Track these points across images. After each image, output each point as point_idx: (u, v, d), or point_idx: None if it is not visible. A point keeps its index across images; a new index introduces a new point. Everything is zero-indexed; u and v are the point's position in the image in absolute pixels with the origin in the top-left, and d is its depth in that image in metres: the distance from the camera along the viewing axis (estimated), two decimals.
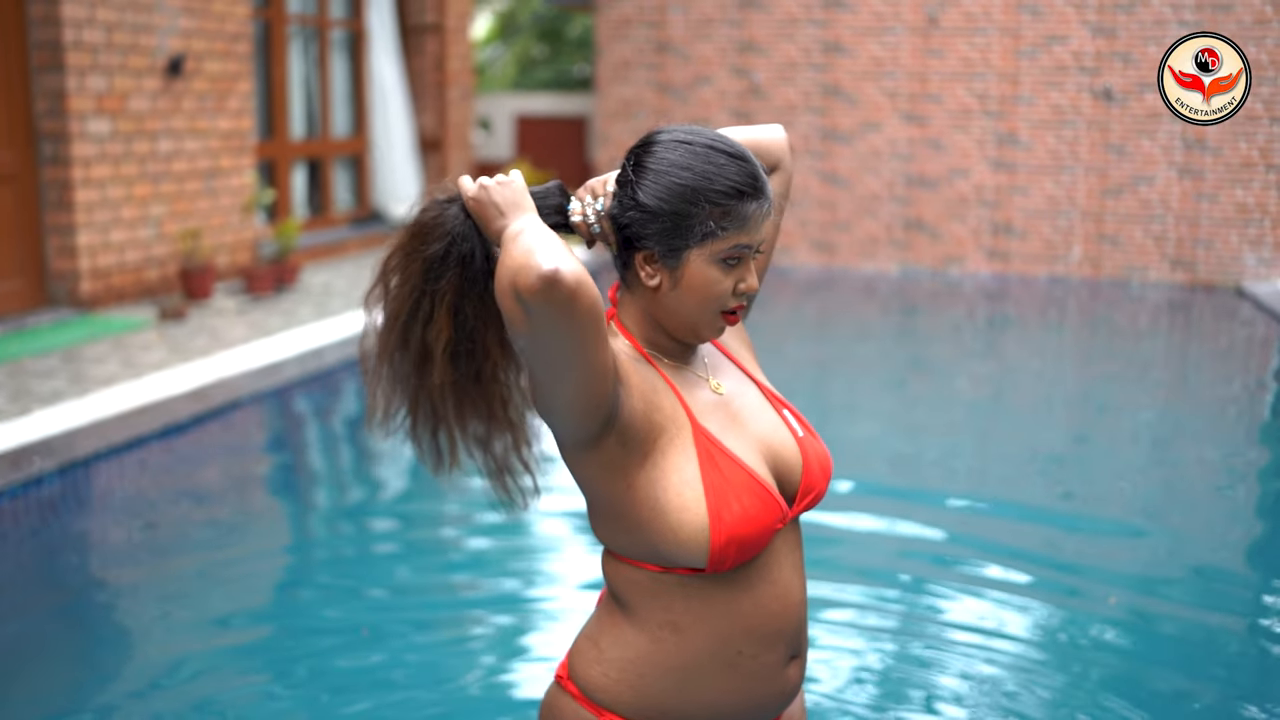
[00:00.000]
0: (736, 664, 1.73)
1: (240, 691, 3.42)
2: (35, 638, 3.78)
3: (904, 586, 4.22)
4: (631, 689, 1.75)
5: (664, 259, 1.72)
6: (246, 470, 5.66)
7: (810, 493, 1.79)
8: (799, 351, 8.64)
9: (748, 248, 1.72)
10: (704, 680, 1.73)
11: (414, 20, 12.85)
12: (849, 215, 11.89)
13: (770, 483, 1.73)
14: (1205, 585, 4.31)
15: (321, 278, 9.99)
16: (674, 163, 1.72)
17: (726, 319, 1.75)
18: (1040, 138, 11.34)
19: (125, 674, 3.59)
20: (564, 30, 23.56)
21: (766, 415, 1.83)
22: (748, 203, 1.70)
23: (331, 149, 11.76)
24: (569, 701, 1.81)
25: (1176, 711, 3.32)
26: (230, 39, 9.32)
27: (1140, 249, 11.18)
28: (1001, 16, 11.29)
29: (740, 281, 1.73)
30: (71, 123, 7.75)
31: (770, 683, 1.77)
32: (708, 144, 1.73)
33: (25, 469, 4.79)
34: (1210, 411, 6.98)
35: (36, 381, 6.22)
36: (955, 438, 6.36)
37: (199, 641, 3.74)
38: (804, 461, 1.79)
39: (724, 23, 12.01)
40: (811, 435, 1.84)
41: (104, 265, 8.11)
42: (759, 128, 1.99)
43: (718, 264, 1.71)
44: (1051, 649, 3.71)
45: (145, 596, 4.13)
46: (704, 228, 1.69)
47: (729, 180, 1.70)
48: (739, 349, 1.93)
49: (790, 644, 1.78)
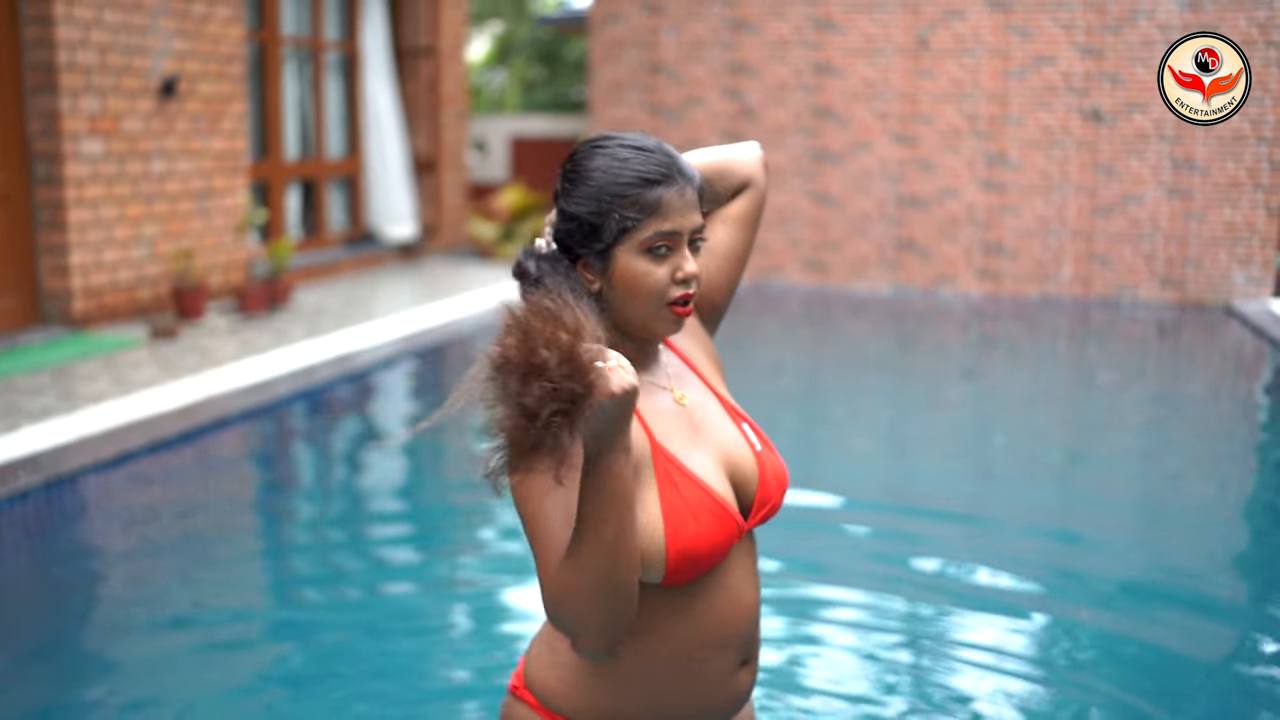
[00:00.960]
0: (690, 669, 1.75)
1: (221, 698, 3.45)
2: (11, 645, 3.81)
3: (896, 601, 4.24)
4: (588, 693, 1.77)
5: (596, 262, 1.75)
6: (232, 485, 5.69)
7: (765, 505, 1.81)
8: (792, 369, 8.67)
9: (672, 234, 1.72)
10: (659, 684, 1.75)
11: (408, 43, 12.94)
12: (840, 235, 11.95)
13: (728, 498, 1.76)
14: (1196, 603, 4.32)
15: (314, 298, 10.04)
16: (587, 167, 1.75)
17: (675, 311, 1.75)
18: (1030, 158, 11.41)
19: (103, 681, 3.62)
20: (562, 53, 23.70)
21: (727, 428, 1.84)
22: (656, 189, 1.71)
23: (325, 170, 11.83)
24: (526, 711, 1.83)
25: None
26: (224, 61, 9.40)
27: (1130, 268, 11.24)
28: (991, 38, 11.38)
29: (677, 270, 1.73)
30: (65, 143, 7.81)
31: (723, 687, 1.79)
32: (620, 143, 1.76)
33: (10, 483, 4.82)
34: (1200, 428, 7.01)
35: (26, 398, 6.26)
36: (947, 456, 6.39)
37: (178, 650, 3.76)
38: (760, 475, 1.81)
39: (716, 45, 12.10)
40: (769, 449, 1.86)
41: (97, 284, 8.16)
42: (733, 146, 2.02)
43: (645, 255, 1.72)
44: (1042, 664, 3.73)
45: (124, 605, 4.15)
46: (620, 222, 1.71)
47: (634, 171, 1.72)
48: (704, 362, 1.94)
49: (742, 649, 1.81)
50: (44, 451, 5.29)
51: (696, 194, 1.76)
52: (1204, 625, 4.09)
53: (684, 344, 1.92)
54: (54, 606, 4.21)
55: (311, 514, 5.41)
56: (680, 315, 1.75)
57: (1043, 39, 11.25)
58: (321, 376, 7.15)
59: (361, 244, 12.28)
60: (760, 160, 2.02)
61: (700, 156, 1.97)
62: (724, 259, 1.97)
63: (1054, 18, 11.19)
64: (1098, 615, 4.11)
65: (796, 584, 4.35)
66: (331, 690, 3.53)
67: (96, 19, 8.01)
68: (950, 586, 4.38)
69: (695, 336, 1.96)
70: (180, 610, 4.13)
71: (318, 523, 5.26)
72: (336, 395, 7.14)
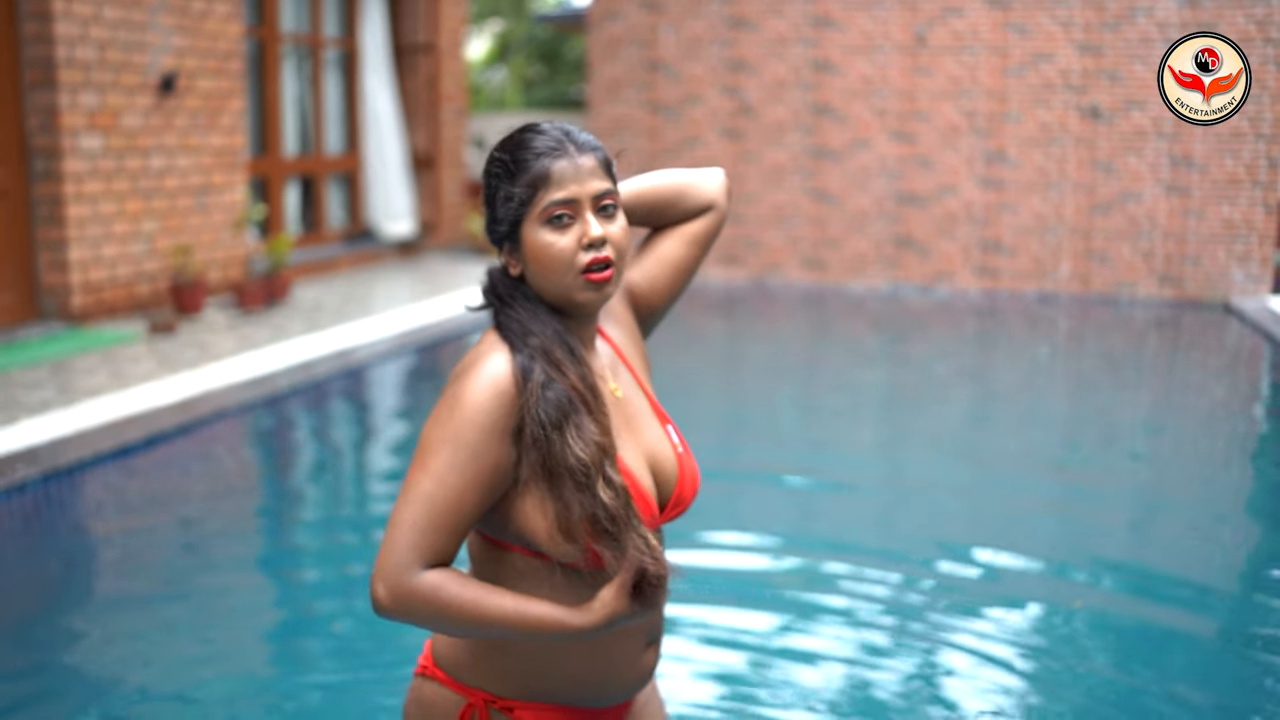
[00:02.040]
0: (596, 646, 1.81)
1: (220, 687, 3.46)
2: (8, 636, 3.81)
3: (893, 600, 4.25)
4: (496, 664, 1.83)
5: (511, 246, 1.81)
6: (229, 478, 5.69)
7: (679, 504, 1.89)
8: (791, 365, 8.68)
9: (569, 201, 1.76)
10: (566, 658, 1.81)
11: (407, 40, 12.95)
12: (839, 232, 11.96)
13: (650, 490, 1.83)
14: (1196, 596, 4.33)
15: (312, 294, 10.05)
16: (493, 157, 1.83)
17: (590, 279, 1.77)
18: (1028, 155, 11.41)
19: (99, 672, 3.63)
20: (562, 51, 23.70)
21: (654, 426, 1.91)
22: (545, 159, 1.76)
23: (324, 166, 11.84)
24: (436, 688, 1.87)
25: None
26: (223, 57, 9.41)
27: (1128, 265, 11.25)
28: (989, 35, 11.38)
29: (582, 236, 1.76)
30: (64, 139, 7.82)
31: (630, 666, 1.86)
32: (521, 131, 1.83)
33: (9, 476, 4.83)
34: (1199, 425, 7.01)
35: (24, 392, 6.26)
36: (945, 452, 6.40)
37: (175, 640, 3.77)
38: (680, 475, 1.88)
39: (714, 42, 12.10)
40: (688, 453, 1.94)
41: (95, 280, 8.16)
42: (698, 170, 2.09)
43: (547, 226, 1.76)
44: (1044, 657, 3.74)
45: (120, 596, 4.16)
46: (517, 198, 1.77)
47: (527, 148, 1.78)
48: (636, 359, 1.99)
49: (648, 631, 1.88)
50: (42, 445, 5.30)
51: (600, 163, 1.80)
52: (1207, 617, 4.10)
53: (619, 338, 1.97)
54: (51, 597, 4.22)
55: (309, 505, 5.42)
56: (596, 282, 1.78)
57: (1041, 36, 11.25)
58: (320, 371, 7.16)
59: (360, 240, 12.29)
60: (723, 187, 2.09)
61: (663, 177, 2.05)
62: (670, 268, 2.04)
63: (1052, 15, 11.19)
64: (1092, 607, 4.12)
65: (793, 562, 4.36)
66: (331, 677, 3.53)
67: (95, 15, 8.02)
68: (949, 575, 4.39)
69: (630, 334, 2.01)
70: (177, 602, 4.14)
71: (316, 514, 5.27)
72: (333, 391, 7.15)
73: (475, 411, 1.70)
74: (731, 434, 6.62)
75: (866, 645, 3.78)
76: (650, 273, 2.03)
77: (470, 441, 1.69)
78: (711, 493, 2.82)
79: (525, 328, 1.78)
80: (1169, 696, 3.43)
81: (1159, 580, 4.45)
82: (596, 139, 1.84)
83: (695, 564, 4.32)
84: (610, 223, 1.79)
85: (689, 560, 4.53)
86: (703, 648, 3.72)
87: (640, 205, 2.02)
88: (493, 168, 1.81)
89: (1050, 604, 4.16)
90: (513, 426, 1.71)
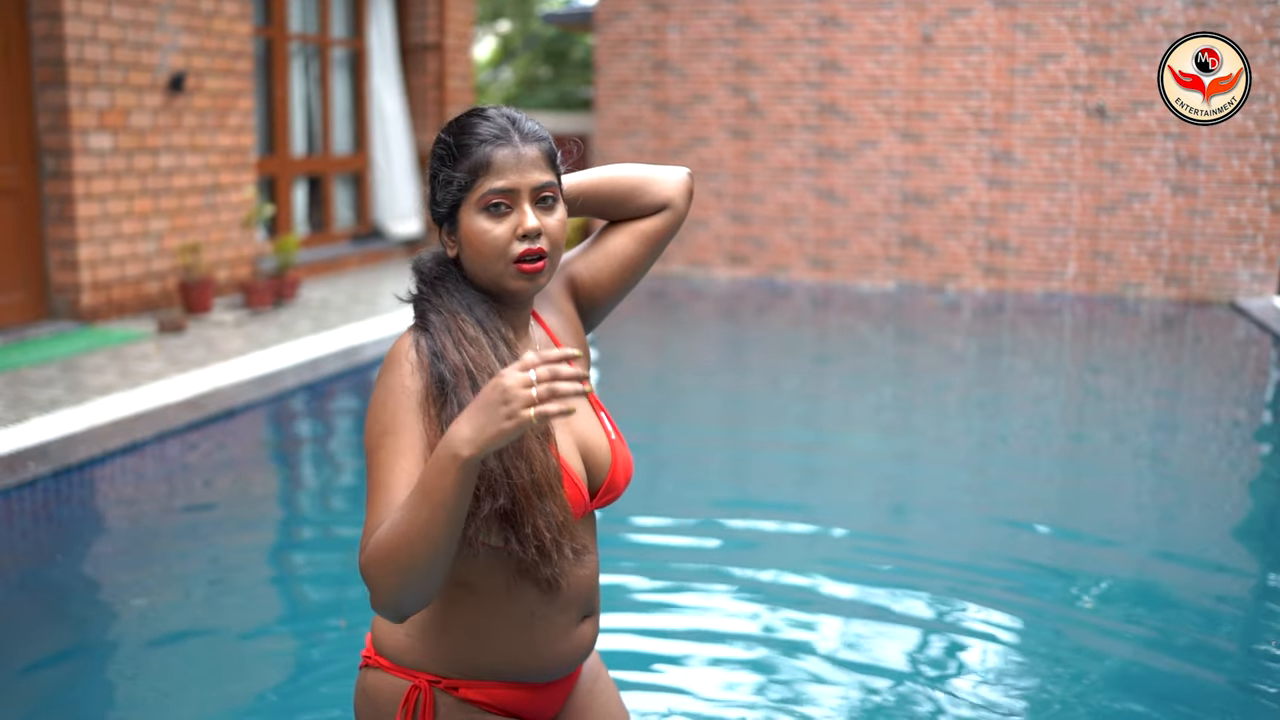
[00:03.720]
0: (530, 624, 1.85)
1: (230, 684, 3.48)
2: (10, 628, 3.85)
3: (904, 600, 4.27)
4: (436, 645, 1.86)
5: (447, 225, 1.85)
6: (238, 475, 5.73)
7: (611, 491, 1.91)
8: (797, 364, 8.70)
9: (507, 191, 1.79)
10: (501, 635, 1.84)
11: (414, 39, 12.98)
12: (846, 232, 11.97)
13: (580, 475, 1.85)
14: (1202, 600, 4.35)
15: (320, 293, 10.08)
16: (437, 140, 1.86)
17: (521, 269, 1.80)
18: (1035, 155, 11.42)
19: (108, 669, 3.65)
20: (568, 52, 23.73)
21: (587, 413, 1.93)
22: (488, 146, 1.79)
23: (332, 166, 11.87)
24: (379, 676, 1.90)
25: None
26: (231, 57, 9.44)
27: (1135, 265, 11.25)
28: (996, 35, 11.39)
29: (518, 227, 1.79)
30: (74, 138, 7.86)
31: (565, 640, 1.90)
32: (468, 114, 1.85)
33: (20, 473, 4.87)
34: (1206, 424, 7.02)
35: (35, 390, 6.30)
36: (952, 453, 6.41)
37: (183, 637, 3.80)
38: (613, 462, 1.91)
39: (721, 41, 12.12)
40: (621, 441, 1.96)
41: (104, 278, 8.20)
42: (661, 167, 2.09)
43: (483, 214, 1.79)
44: (1047, 662, 3.76)
45: (129, 592, 4.19)
46: (458, 181, 1.80)
47: (471, 133, 1.81)
48: (572, 346, 2.01)
49: (582, 607, 1.91)
50: (52, 441, 5.33)
51: (543, 155, 1.83)
52: (1212, 622, 4.11)
53: (555, 325, 1.99)
54: (61, 593, 4.25)
55: (318, 502, 5.45)
56: (527, 272, 1.81)
57: (1048, 36, 11.26)
58: (327, 370, 7.19)
59: (368, 240, 12.32)
60: (683, 185, 2.07)
61: (620, 170, 2.05)
62: (615, 262, 2.04)
63: (1059, 15, 11.20)
64: (1101, 606, 4.13)
65: (798, 571, 4.38)
66: (343, 675, 3.56)
67: (105, 14, 8.06)
68: (957, 577, 4.40)
69: (569, 322, 2.02)
70: (186, 598, 4.17)
71: (324, 510, 5.30)
72: (340, 389, 7.18)
73: (397, 394, 1.74)
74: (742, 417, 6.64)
75: (876, 647, 3.80)
76: (594, 265, 2.03)
77: (402, 423, 1.72)
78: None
79: (436, 305, 1.82)
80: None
81: (1168, 578, 4.46)
82: (543, 129, 1.87)
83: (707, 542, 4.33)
84: (548, 215, 1.82)
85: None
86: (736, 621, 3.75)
87: (594, 196, 2.03)
88: (437, 149, 1.84)
89: (1052, 617, 4.17)
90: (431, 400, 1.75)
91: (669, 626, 3.87)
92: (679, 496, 5.42)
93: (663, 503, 5.23)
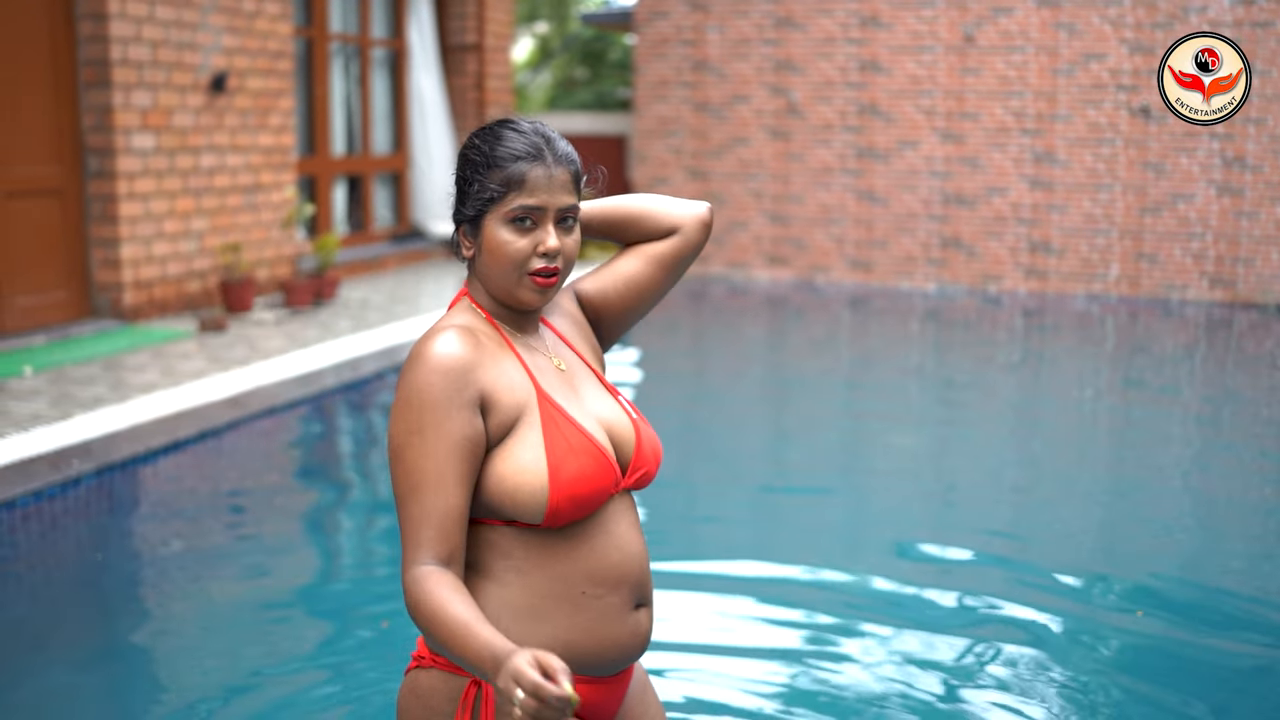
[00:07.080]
0: (581, 603, 1.86)
1: (275, 676, 3.48)
2: (56, 625, 3.87)
3: (935, 601, 4.23)
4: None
5: (469, 228, 1.91)
6: (277, 472, 5.75)
7: (639, 470, 1.94)
8: (836, 364, 8.65)
9: (535, 209, 1.86)
10: (554, 616, 1.85)
11: (454, 40, 13.01)
12: (886, 233, 11.90)
13: (608, 448, 1.89)
14: (1237, 605, 4.28)
15: (360, 292, 10.12)
16: (473, 144, 1.92)
17: (536, 281, 1.88)
18: (1078, 155, 11.31)
19: (152, 665, 3.67)
20: (605, 53, 23.73)
21: (604, 397, 1.98)
22: (523, 165, 1.86)
23: (372, 166, 11.91)
24: (434, 675, 1.89)
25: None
26: (273, 56, 9.49)
27: (1179, 267, 11.11)
28: (1039, 34, 11.28)
29: (539, 244, 1.87)
30: (117, 138, 7.91)
31: (619, 622, 1.89)
32: (505, 125, 1.92)
33: (64, 470, 4.90)
34: (1252, 429, 6.92)
35: (78, 388, 6.35)
36: (993, 456, 6.35)
37: (229, 631, 3.81)
38: (637, 441, 1.95)
39: (761, 42, 12.08)
40: (644, 421, 2.00)
41: (146, 277, 8.26)
42: (677, 200, 2.15)
43: (509, 225, 1.87)
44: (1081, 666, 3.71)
45: (172, 589, 4.21)
46: (488, 192, 1.87)
47: (506, 148, 1.88)
48: (583, 348, 2.06)
49: (634, 590, 1.92)
50: (95, 439, 5.37)
51: (571, 178, 1.90)
52: (1250, 626, 4.04)
53: (563, 327, 2.05)
54: (104, 590, 4.27)
55: (358, 499, 5.45)
56: (540, 286, 1.88)
57: (1091, 35, 11.14)
58: (367, 369, 7.20)
59: (407, 239, 12.35)
60: (697, 216, 2.13)
61: (634, 199, 2.12)
62: (622, 281, 2.10)
63: (1103, 14, 11.08)
64: (1139, 610, 4.07)
65: (819, 571, 4.35)
66: (373, 669, 3.56)
67: (149, 15, 8.12)
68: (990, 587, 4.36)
69: (578, 328, 2.08)
70: (227, 596, 4.18)
71: (364, 508, 5.31)
72: (380, 388, 7.20)
73: (428, 393, 1.77)
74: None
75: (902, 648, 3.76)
76: (602, 283, 2.11)
77: (432, 423, 1.76)
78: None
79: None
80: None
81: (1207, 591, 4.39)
82: (574, 152, 1.94)
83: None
84: (567, 235, 1.90)
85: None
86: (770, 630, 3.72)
87: (605, 219, 2.10)
88: (470, 154, 1.91)
89: (1090, 622, 4.11)
90: (469, 398, 1.78)
91: (696, 615, 3.85)
92: (715, 484, 5.39)
93: (698, 491, 5.21)
